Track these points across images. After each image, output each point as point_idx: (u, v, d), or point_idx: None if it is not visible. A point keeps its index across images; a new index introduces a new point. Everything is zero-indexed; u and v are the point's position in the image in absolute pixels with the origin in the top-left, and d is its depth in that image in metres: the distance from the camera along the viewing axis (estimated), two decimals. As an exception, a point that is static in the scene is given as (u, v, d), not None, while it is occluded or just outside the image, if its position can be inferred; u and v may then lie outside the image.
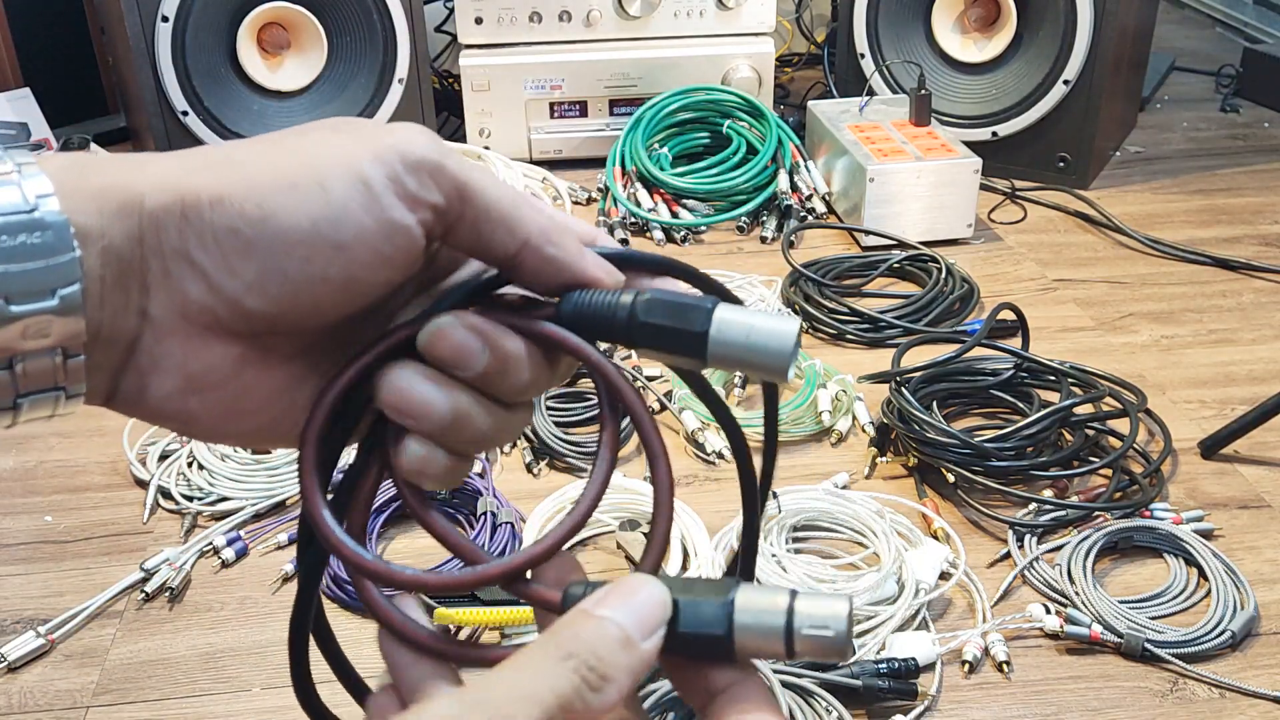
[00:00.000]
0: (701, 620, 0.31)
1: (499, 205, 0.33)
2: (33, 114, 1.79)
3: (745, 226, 1.62)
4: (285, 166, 0.31)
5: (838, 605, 0.31)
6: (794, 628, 0.31)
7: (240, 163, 0.32)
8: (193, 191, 0.31)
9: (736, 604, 0.31)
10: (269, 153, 0.32)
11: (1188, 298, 1.43)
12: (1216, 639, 0.88)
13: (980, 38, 1.73)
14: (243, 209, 0.31)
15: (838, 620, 0.31)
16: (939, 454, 1.05)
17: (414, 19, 1.69)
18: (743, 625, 0.31)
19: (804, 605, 0.31)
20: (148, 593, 0.96)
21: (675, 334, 0.34)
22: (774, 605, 0.31)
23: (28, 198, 0.29)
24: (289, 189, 0.31)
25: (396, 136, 0.32)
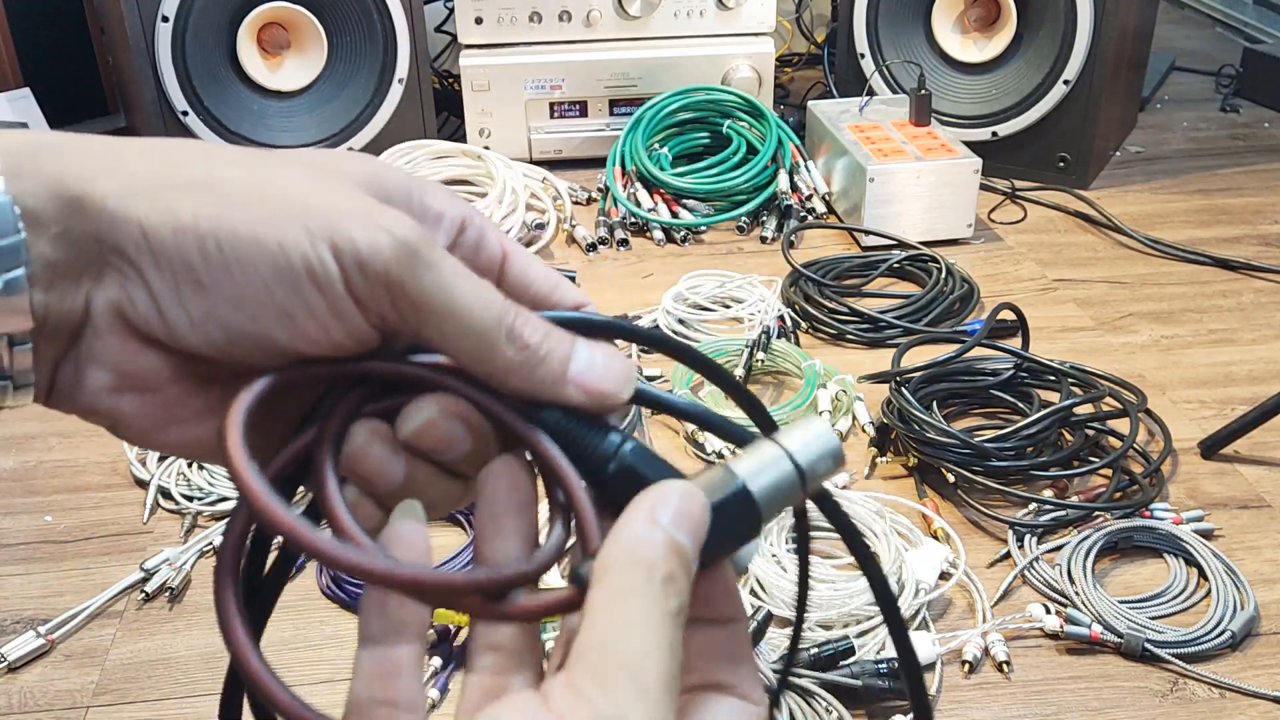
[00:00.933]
0: (736, 513, 0.31)
1: (464, 336, 0.31)
2: (33, 114, 1.79)
3: (745, 226, 1.62)
4: (255, 210, 0.30)
5: (811, 432, 0.32)
6: (804, 472, 0.31)
7: (214, 188, 0.30)
8: (159, 211, 0.29)
9: (745, 478, 0.31)
10: (245, 185, 0.30)
11: (1188, 298, 1.43)
12: (1216, 639, 0.88)
13: (980, 38, 1.73)
14: (203, 246, 0.29)
15: (825, 444, 0.32)
16: (939, 454, 1.05)
17: (414, 19, 1.69)
18: (763, 494, 0.31)
19: (798, 447, 0.31)
20: (148, 593, 0.96)
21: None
22: (775, 461, 0.31)
23: None
24: (251, 241, 0.29)
25: (363, 224, 0.30)
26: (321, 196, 0.30)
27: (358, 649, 0.31)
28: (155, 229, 0.29)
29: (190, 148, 0.32)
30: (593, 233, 1.59)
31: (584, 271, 1.49)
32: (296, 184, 0.31)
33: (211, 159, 0.31)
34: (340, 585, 0.95)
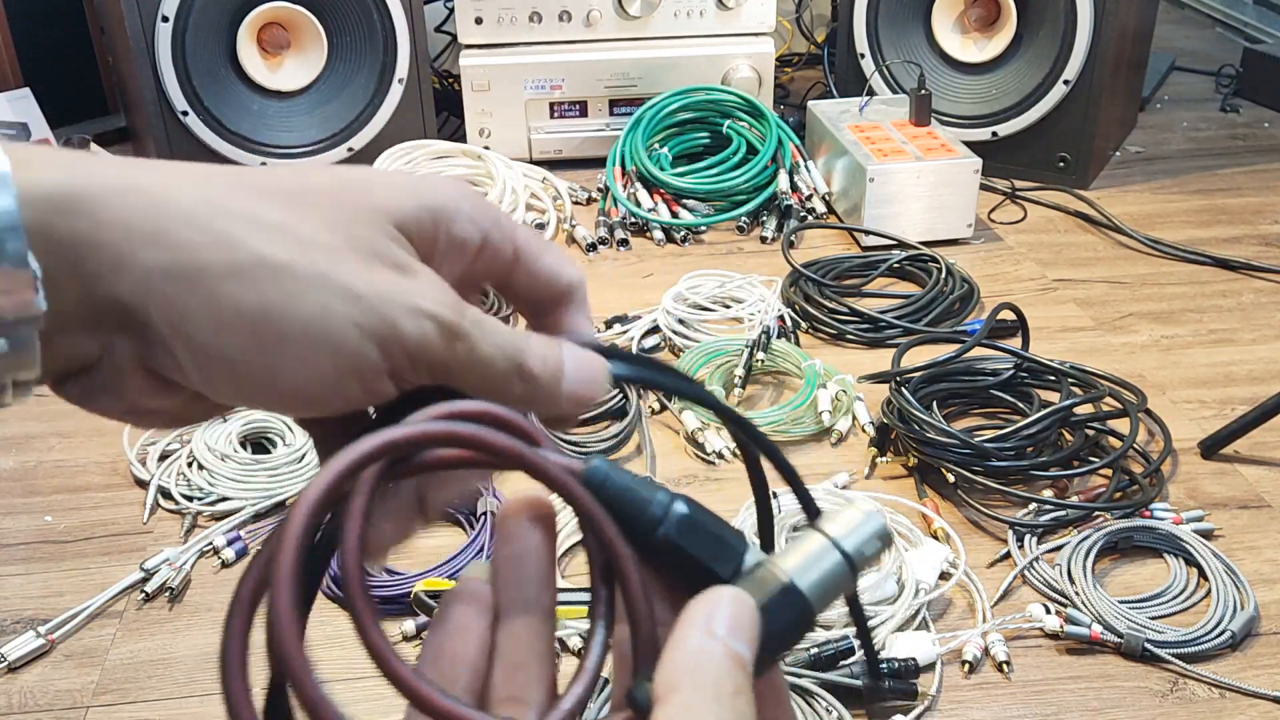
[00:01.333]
0: (790, 617, 0.31)
1: (481, 384, 0.32)
2: (33, 114, 1.79)
3: (745, 226, 1.62)
4: (298, 306, 0.29)
5: (856, 516, 0.32)
6: (853, 558, 0.31)
7: (255, 276, 0.28)
8: (199, 302, 0.28)
9: (793, 575, 0.31)
10: (285, 270, 0.29)
11: (1188, 298, 1.43)
12: (1216, 639, 0.88)
13: (980, 38, 1.73)
14: (243, 344, 0.29)
15: (871, 526, 0.32)
16: (939, 454, 1.05)
17: (414, 19, 1.69)
18: (813, 589, 0.31)
19: (843, 533, 0.31)
20: (148, 593, 0.96)
21: (695, 566, 0.31)
22: (822, 553, 0.31)
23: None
24: (299, 340, 0.29)
25: (408, 313, 0.30)
26: (361, 276, 0.30)
27: None
28: (194, 319, 0.28)
29: (227, 205, 0.29)
30: (593, 233, 1.59)
31: (584, 272, 1.49)
32: (336, 260, 0.30)
33: (251, 225, 0.29)
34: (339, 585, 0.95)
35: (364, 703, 0.86)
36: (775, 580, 0.30)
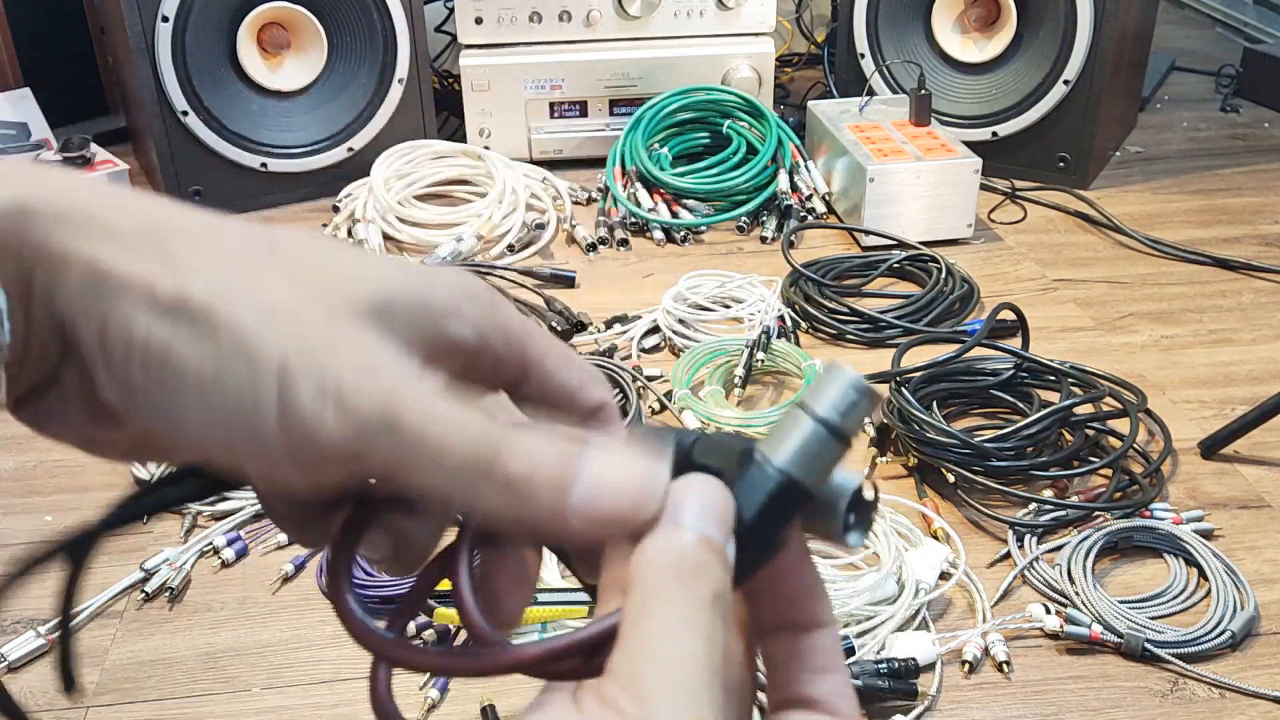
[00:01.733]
0: (764, 488, 0.29)
1: (437, 481, 0.27)
2: (33, 114, 1.79)
3: (745, 226, 1.62)
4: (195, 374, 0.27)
5: (828, 378, 0.30)
6: (835, 426, 0.29)
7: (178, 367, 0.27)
8: (116, 325, 0.27)
9: (768, 455, 0.29)
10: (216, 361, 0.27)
11: (1188, 298, 1.43)
12: (1216, 639, 0.88)
13: (980, 38, 1.73)
14: (145, 394, 0.27)
15: (842, 384, 0.29)
16: (939, 454, 1.05)
17: (414, 19, 1.69)
18: (793, 462, 0.29)
19: (817, 403, 0.29)
20: (148, 593, 0.96)
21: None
22: (795, 424, 0.29)
23: None
24: (197, 421, 0.27)
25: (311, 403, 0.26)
26: (285, 335, 0.27)
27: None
28: (111, 340, 0.27)
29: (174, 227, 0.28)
30: (593, 233, 1.59)
31: (584, 271, 1.49)
32: (269, 316, 0.27)
33: (191, 253, 0.27)
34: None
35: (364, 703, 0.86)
36: (751, 464, 0.29)
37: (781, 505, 0.29)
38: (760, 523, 0.29)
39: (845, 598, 0.91)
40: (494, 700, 0.85)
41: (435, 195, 1.67)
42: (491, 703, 0.85)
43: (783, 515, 0.29)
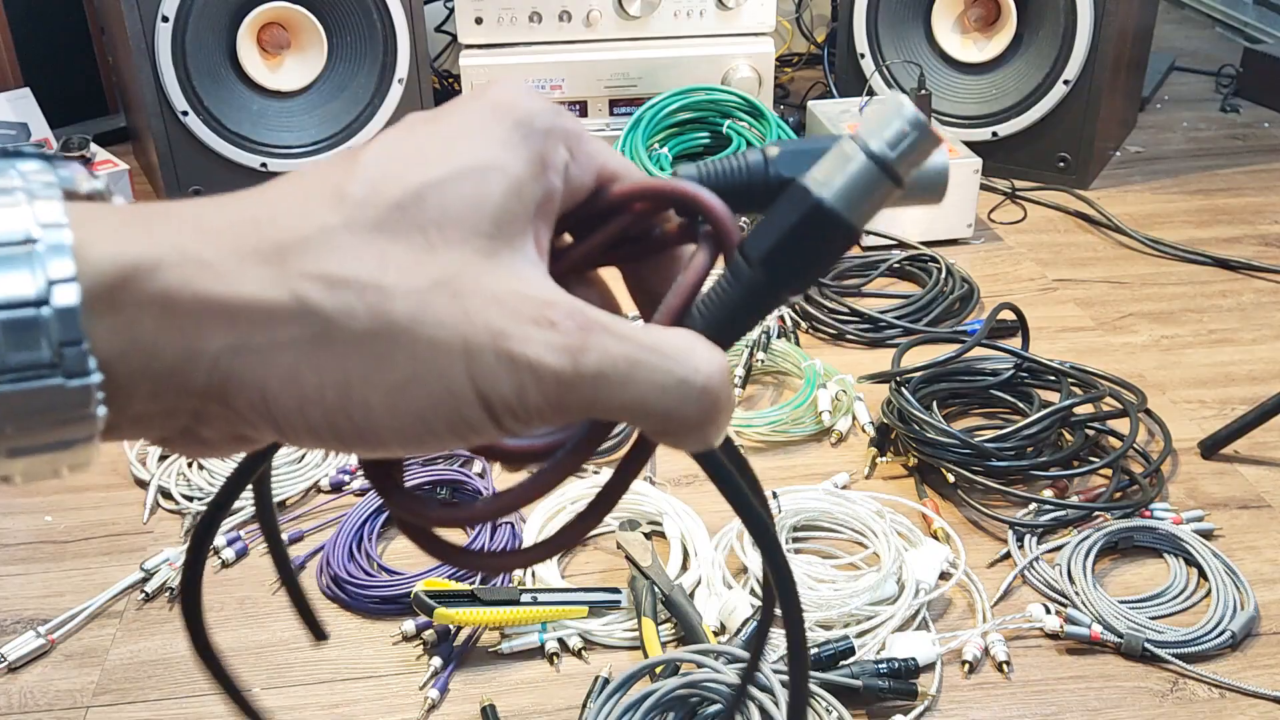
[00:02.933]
0: (806, 225, 0.29)
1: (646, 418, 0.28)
2: (33, 114, 1.79)
3: (745, 226, 1.61)
4: (387, 373, 0.26)
5: (891, 104, 0.29)
6: (875, 153, 0.29)
7: (333, 341, 0.26)
8: (278, 378, 0.26)
9: (817, 186, 0.29)
10: (366, 332, 0.26)
11: (1188, 298, 1.43)
12: (1216, 639, 0.88)
13: (980, 38, 1.73)
14: (333, 420, 0.27)
15: (902, 111, 0.28)
16: (939, 454, 1.05)
17: (414, 19, 1.69)
18: (838, 196, 0.29)
19: (870, 136, 0.29)
20: (148, 593, 0.96)
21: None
22: (844, 157, 0.29)
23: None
24: (387, 413, 0.27)
25: (509, 370, 0.26)
26: (450, 319, 0.26)
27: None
28: (277, 398, 0.26)
29: (295, 262, 0.26)
30: (593, 233, 1.58)
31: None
32: (423, 306, 0.26)
33: (322, 285, 0.26)
34: (340, 585, 0.95)
35: (364, 703, 0.86)
36: (792, 188, 0.29)
37: (826, 246, 0.29)
38: (805, 259, 0.29)
39: (845, 598, 0.91)
40: (494, 700, 0.85)
41: (435, 195, 1.67)
42: (491, 703, 0.85)
43: (824, 253, 0.29)
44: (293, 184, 0.28)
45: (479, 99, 0.30)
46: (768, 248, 0.29)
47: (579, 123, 0.31)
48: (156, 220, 0.26)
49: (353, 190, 0.27)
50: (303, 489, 1.09)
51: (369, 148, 0.28)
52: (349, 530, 1.01)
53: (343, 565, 0.97)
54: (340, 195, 0.27)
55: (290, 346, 0.26)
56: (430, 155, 0.28)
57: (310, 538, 1.04)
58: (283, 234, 0.26)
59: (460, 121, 0.29)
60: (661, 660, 0.84)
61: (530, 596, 0.90)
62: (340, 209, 0.27)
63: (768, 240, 0.29)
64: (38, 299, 0.23)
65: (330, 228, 0.26)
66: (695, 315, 0.30)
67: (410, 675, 0.88)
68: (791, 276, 0.29)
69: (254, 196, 0.28)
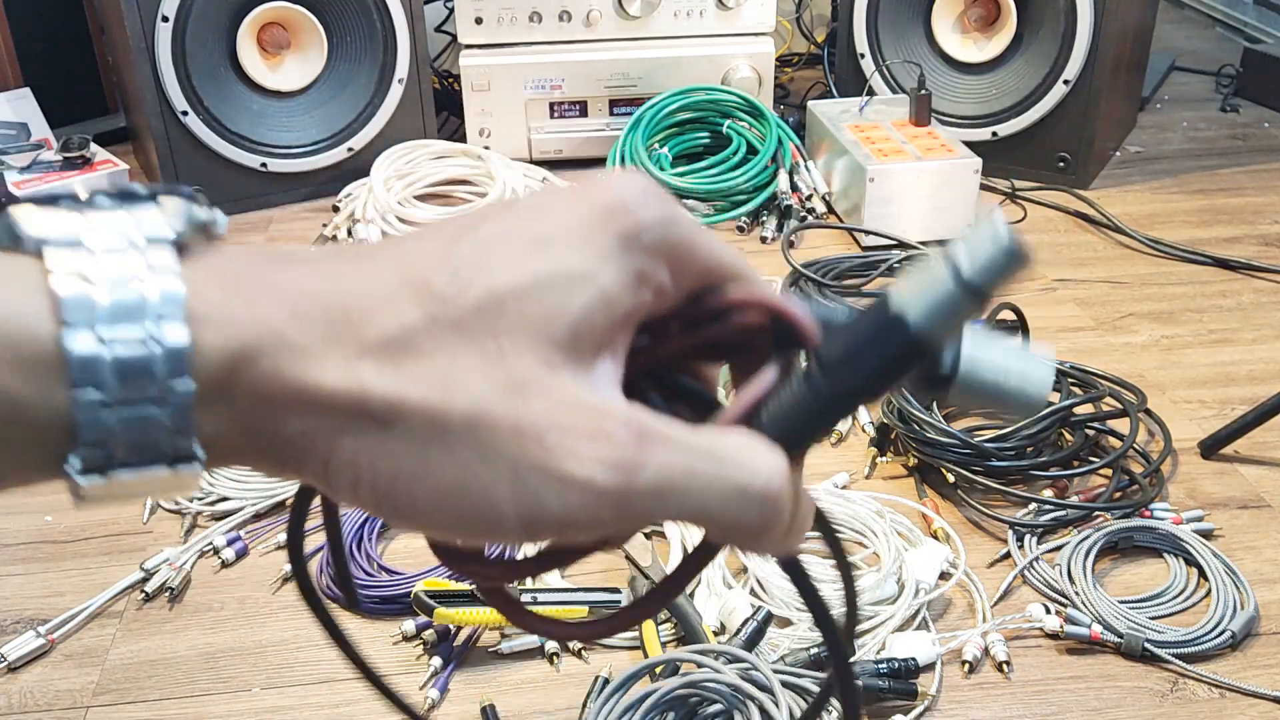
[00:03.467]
0: (884, 342, 0.29)
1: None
2: (33, 114, 1.79)
3: (745, 226, 1.62)
4: (442, 474, 0.27)
5: (987, 229, 0.28)
6: (966, 280, 0.28)
7: (393, 440, 0.27)
8: (371, 471, 0.27)
9: (902, 304, 0.28)
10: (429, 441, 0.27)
11: (1188, 298, 1.43)
12: (1216, 639, 0.88)
13: (980, 38, 1.73)
14: (394, 504, 0.28)
15: (997, 238, 0.27)
16: (939, 454, 1.05)
17: (414, 19, 1.69)
18: (923, 317, 0.28)
19: (962, 259, 0.28)
20: (148, 593, 0.96)
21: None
22: (934, 277, 0.28)
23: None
24: (451, 526, 0.28)
25: (559, 490, 0.27)
26: (508, 445, 0.27)
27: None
28: (335, 474, 0.27)
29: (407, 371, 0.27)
30: (593, 233, 1.58)
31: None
32: (487, 417, 0.27)
33: (425, 386, 0.27)
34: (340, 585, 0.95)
35: (364, 702, 0.86)
36: (876, 302, 0.29)
37: (898, 362, 0.29)
38: (880, 375, 0.29)
39: (845, 598, 0.91)
40: (494, 700, 0.85)
41: (435, 195, 1.67)
42: (491, 703, 0.85)
43: (895, 369, 0.29)
44: (389, 263, 0.28)
45: (591, 195, 0.29)
46: (841, 356, 0.29)
47: (692, 227, 0.30)
48: (260, 295, 0.27)
49: (439, 285, 0.27)
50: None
51: (467, 236, 0.28)
52: (349, 530, 1.01)
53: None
54: (428, 289, 0.27)
55: (353, 435, 0.27)
56: (523, 255, 0.28)
57: (310, 538, 1.03)
58: (372, 329, 0.27)
59: (564, 221, 0.28)
60: (661, 660, 0.84)
61: (530, 597, 0.90)
62: (425, 304, 0.27)
63: (843, 349, 0.29)
64: (159, 397, 0.25)
65: (412, 327, 0.27)
66: (762, 418, 0.30)
67: (410, 675, 0.88)
68: (862, 387, 0.29)
69: (351, 272, 0.28)
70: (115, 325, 0.25)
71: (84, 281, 0.25)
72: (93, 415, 0.25)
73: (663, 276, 0.29)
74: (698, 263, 0.30)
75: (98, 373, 0.25)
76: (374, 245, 0.29)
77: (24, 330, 0.24)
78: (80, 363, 0.25)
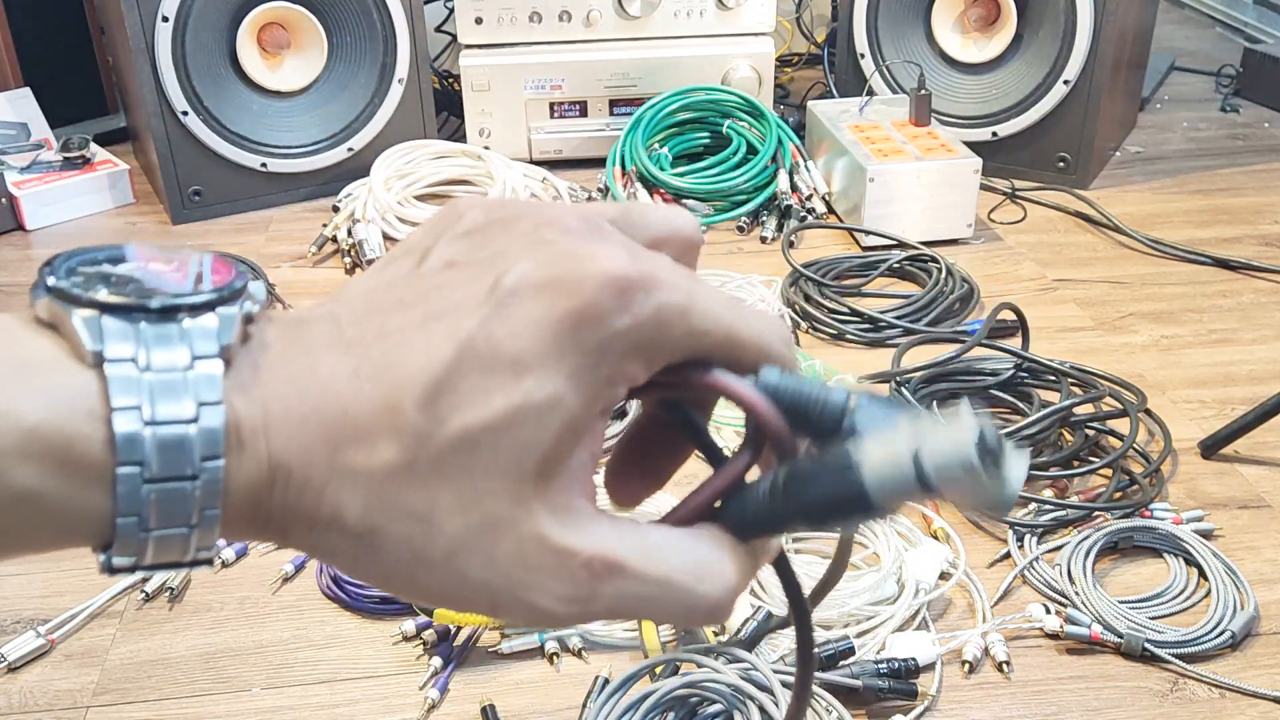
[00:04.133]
0: (839, 496, 0.30)
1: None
2: (33, 114, 1.79)
3: (745, 226, 1.62)
4: (437, 584, 0.30)
5: (960, 440, 0.29)
6: (929, 481, 0.29)
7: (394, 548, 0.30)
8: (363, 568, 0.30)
9: (865, 472, 0.30)
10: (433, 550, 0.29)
11: (1188, 298, 1.43)
12: (1216, 639, 0.88)
13: (980, 38, 1.73)
14: (389, 583, 0.31)
15: (963, 458, 0.28)
16: (939, 454, 1.05)
17: (414, 19, 1.69)
18: (875, 485, 0.30)
19: (929, 452, 0.29)
20: (148, 593, 0.96)
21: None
22: (898, 461, 0.29)
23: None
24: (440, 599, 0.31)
25: (544, 605, 0.30)
26: (483, 574, 0.29)
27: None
28: (337, 566, 0.31)
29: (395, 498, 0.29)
30: (593, 233, 1.58)
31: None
32: (464, 550, 0.29)
33: (409, 522, 0.29)
34: (340, 585, 0.95)
35: (365, 702, 0.86)
36: (844, 463, 0.30)
37: (843, 511, 0.30)
38: (818, 512, 0.31)
39: (845, 598, 0.91)
40: (494, 700, 0.85)
41: (435, 195, 1.67)
42: (491, 703, 0.85)
43: (838, 516, 0.31)
44: (369, 364, 0.29)
45: (565, 301, 0.28)
46: (799, 489, 0.31)
47: (688, 295, 0.30)
48: (281, 425, 0.28)
49: (411, 419, 0.28)
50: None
51: (441, 349, 0.29)
52: (349, 530, 1.00)
53: (343, 565, 0.97)
54: (399, 422, 0.28)
55: (349, 554, 0.30)
56: (493, 379, 0.28)
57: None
58: (360, 460, 0.29)
59: (533, 336, 0.28)
60: (661, 660, 0.84)
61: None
62: (403, 443, 0.28)
63: (802, 483, 0.31)
64: (193, 519, 0.28)
65: (394, 466, 0.28)
66: (728, 509, 0.32)
67: (410, 675, 0.88)
68: (809, 521, 0.31)
69: (346, 384, 0.29)
70: (158, 462, 0.27)
71: (140, 422, 0.27)
72: (133, 501, 0.27)
73: (635, 372, 0.30)
74: (689, 332, 0.30)
75: (140, 506, 0.28)
76: (377, 314, 0.30)
77: (81, 457, 0.26)
78: (125, 499, 0.27)
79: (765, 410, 0.31)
